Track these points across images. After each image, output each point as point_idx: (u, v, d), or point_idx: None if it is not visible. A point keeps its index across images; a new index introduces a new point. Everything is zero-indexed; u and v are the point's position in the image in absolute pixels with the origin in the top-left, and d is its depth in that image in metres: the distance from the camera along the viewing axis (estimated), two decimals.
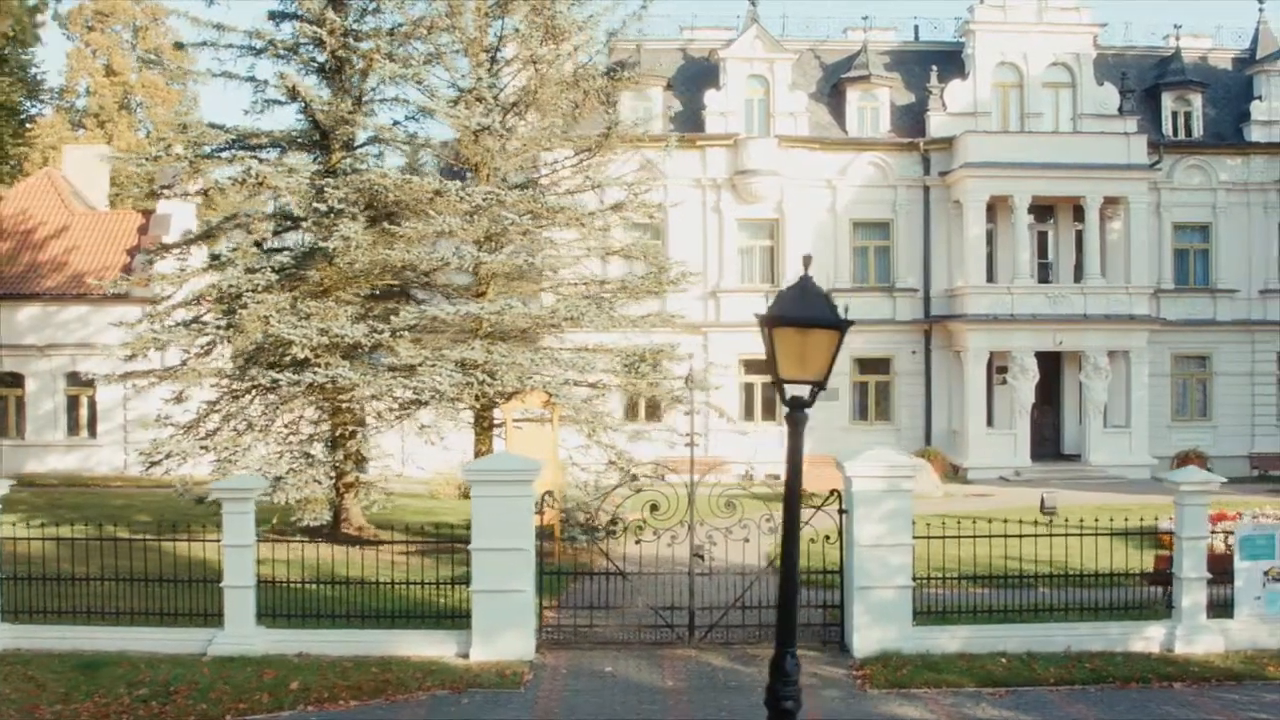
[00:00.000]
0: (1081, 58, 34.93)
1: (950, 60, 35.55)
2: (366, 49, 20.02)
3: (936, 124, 34.43)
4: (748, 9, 34.74)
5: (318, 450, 21.82)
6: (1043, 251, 35.45)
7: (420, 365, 19.00)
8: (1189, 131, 36.01)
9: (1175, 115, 36.04)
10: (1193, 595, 14.15)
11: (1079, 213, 34.10)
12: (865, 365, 34.98)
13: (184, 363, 21.89)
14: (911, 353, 34.60)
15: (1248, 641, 14.19)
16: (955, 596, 14.88)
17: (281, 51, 21.73)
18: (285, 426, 22.07)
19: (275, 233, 22.90)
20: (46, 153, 47.86)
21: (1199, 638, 14.03)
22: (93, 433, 34.47)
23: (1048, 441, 34.77)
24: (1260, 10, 37.63)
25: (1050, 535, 15.38)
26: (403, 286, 22.21)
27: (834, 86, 35.72)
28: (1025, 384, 32.81)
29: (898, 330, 34.60)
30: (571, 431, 21.21)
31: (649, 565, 15.09)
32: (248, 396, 21.77)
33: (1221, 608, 14.41)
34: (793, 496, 7.01)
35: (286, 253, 21.34)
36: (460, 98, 20.40)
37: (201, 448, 20.97)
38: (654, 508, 14.67)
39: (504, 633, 13.58)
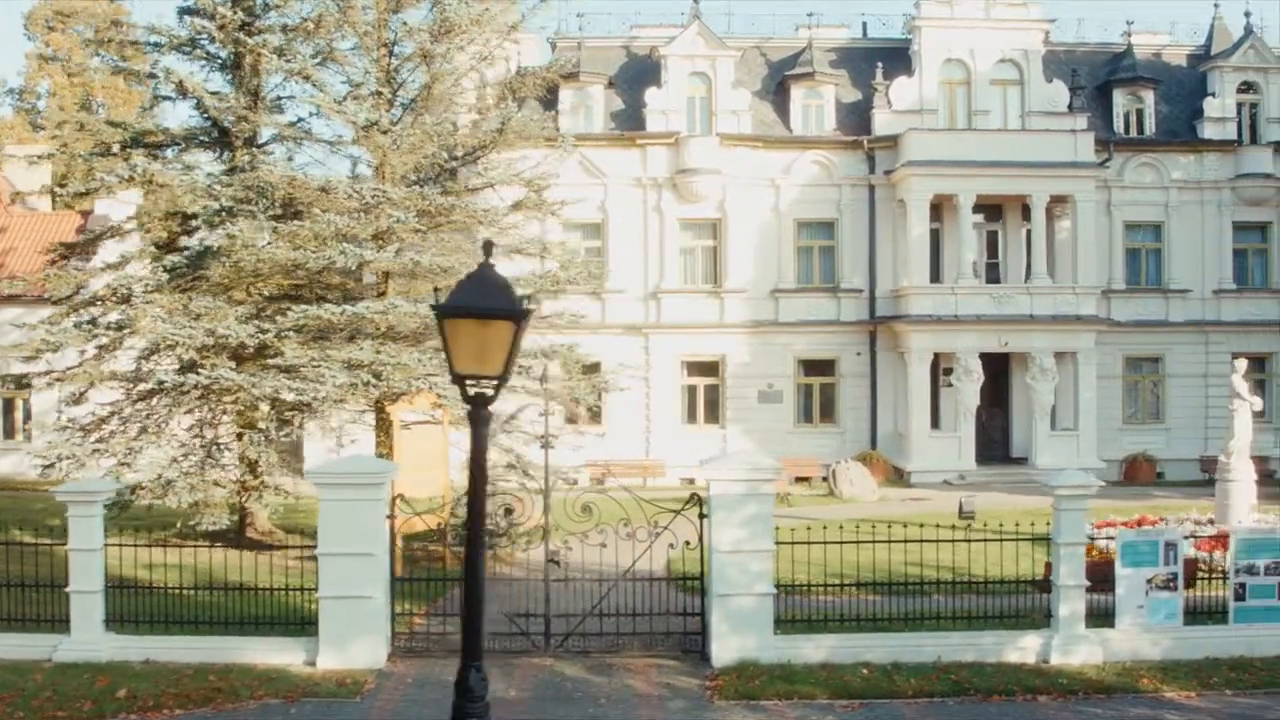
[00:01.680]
0: (1030, 54, 34.34)
1: (898, 57, 34.97)
2: (254, 44, 19.45)
3: (882, 122, 33.85)
4: (691, 6, 34.17)
5: (228, 454, 21.34)
6: (993, 251, 34.88)
7: (305, 366, 18.43)
8: (1141, 129, 35.40)
9: (1127, 112, 35.43)
10: (1071, 604, 13.58)
11: (1028, 212, 33.51)
12: (810, 367, 34.40)
13: (80, 364, 21.40)
14: (856, 354, 33.99)
15: (1129, 652, 13.62)
16: (839, 604, 14.35)
17: (181, 47, 21.25)
18: (188, 429, 21.58)
19: (185, 232, 22.38)
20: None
21: (1076, 648, 13.46)
22: (28, 435, 33.92)
23: (996, 444, 34.17)
24: (1215, 6, 37.06)
25: (938, 541, 14.69)
26: (308, 287, 21.66)
27: (779, 84, 35.16)
28: (970, 386, 32.21)
29: (842, 331, 34.00)
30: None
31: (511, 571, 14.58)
32: (146, 399, 21.26)
33: (1106, 616, 13.87)
34: (477, 504, 6.42)
35: (182, 253, 20.85)
36: (349, 94, 19.87)
37: (94, 450, 20.45)
38: (508, 511, 14.14)
39: (353, 640, 13.12)
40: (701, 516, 13.58)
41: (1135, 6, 56.02)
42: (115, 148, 21.28)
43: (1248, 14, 35.34)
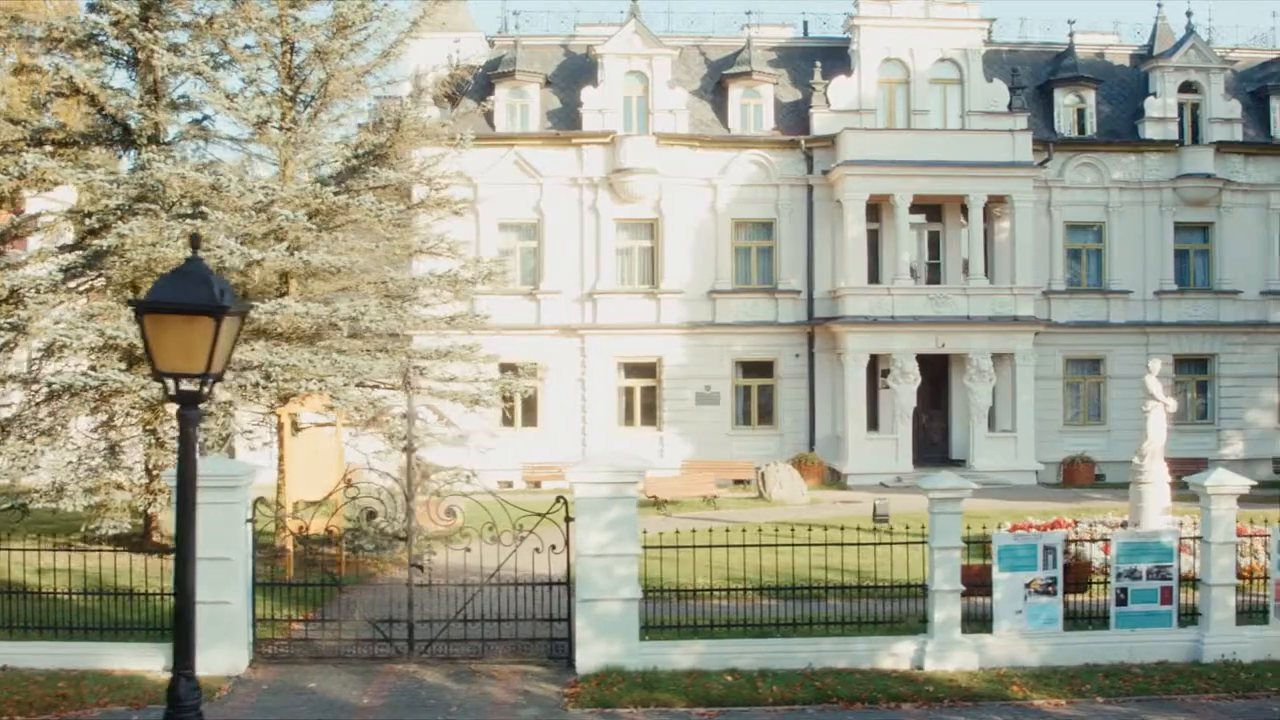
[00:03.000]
0: (970, 54, 34.07)
1: (838, 57, 34.67)
2: (145, 40, 19.01)
3: (820, 121, 33.55)
4: (630, 4, 33.80)
5: (131, 458, 20.88)
6: (935, 252, 34.62)
7: None
8: (1083, 129, 35.21)
9: (1069, 112, 35.24)
10: (945, 609, 13.29)
11: (968, 212, 33.23)
12: (748, 369, 34.07)
13: None
14: (795, 356, 33.67)
15: (1006, 658, 13.33)
16: (731, 609, 14.12)
17: (80, 43, 20.77)
18: (92, 431, 21.13)
19: (91, 232, 21.90)
20: None
21: (951, 654, 13.16)
22: None
23: (935, 447, 33.90)
24: (1159, 6, 36.93)
25: (826, 545, 14.35)
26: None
27: (717, 84, 34.82)
28: (906, 388, 31.92)
29: (781, 333, 33.67)
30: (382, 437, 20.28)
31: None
32: (46, 402, 20.79)
33: (988, 622, 13.56)
34: (186, 507, 6.03)
35: (78, 252, 20.40)
36: (255, 92, 19.46)
37: None
38: (371, 515, 13.77)
39: (211, 647, 12.67)
40: (567, 520, 13.24)
41: (1080, 6, 55.95)
42: (15, 145, 20.77)
43: (1189, 14, 35.21)
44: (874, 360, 32.97)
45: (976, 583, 13.77)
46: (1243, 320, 35.09)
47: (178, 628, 6.32)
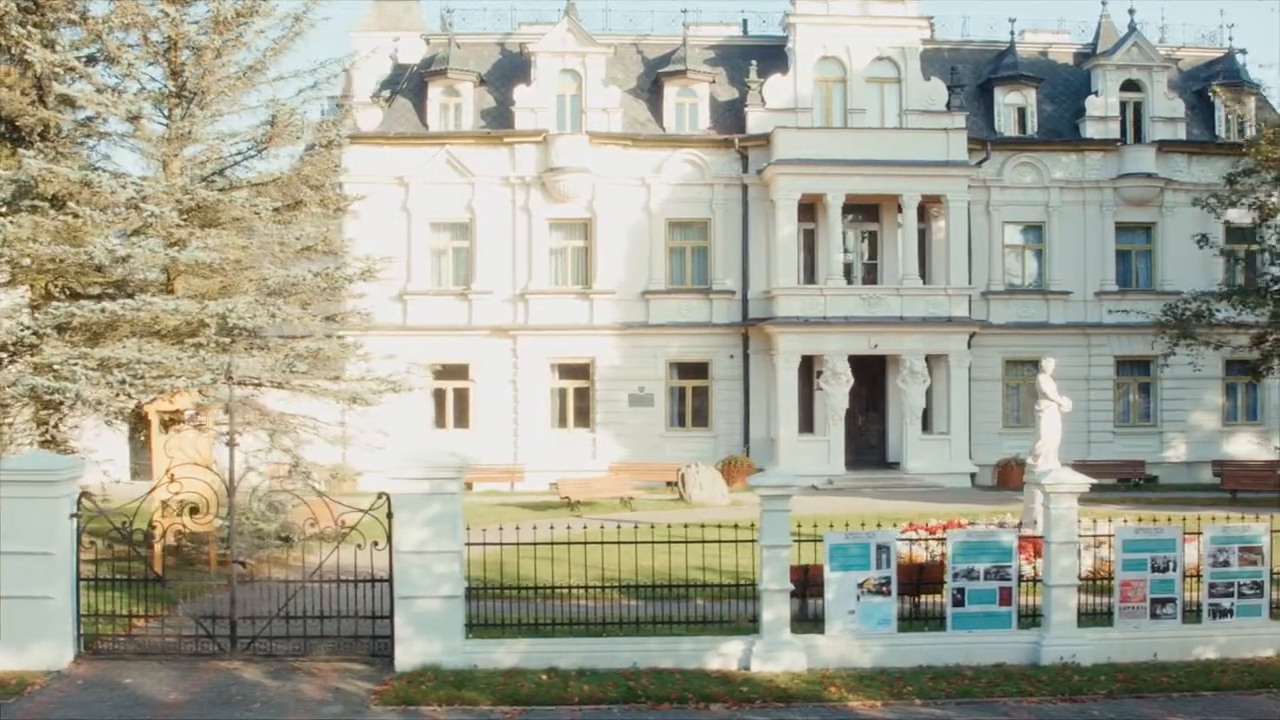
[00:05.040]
0: (908, 52, 33.73)
1: (777, 55, 34.36)
2: (18, 34, 18.77)
3: (755, 120, 33.24)
4: (565, 1, 33.53)
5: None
6: (872, 252, 34.29)
7: (61, 365, 17.74)
8: (1024, 128, 34.89)
9: (1010, 111, 34.92)
10: (774, 608, 12.98)
11: (904, 212, 32.87)
12: (682, 370, 33.74)
13: None
14: (729, 357, 33.33)
15: (838, 659, 13.01)
16: (591, 609, 13.93)
17: None
18: None
19: None
20: None
21: (780, 654, 12.85)
22: None
23: (873, 449, 33.59)
24: (1103, 4, 36.56)
25: (671, 543, 14.09)
26: (75, 280, 20.95)
27: (654, 82, 34.52)
28: (839, 389, 31.58)
29: (715, 333, 33.34)
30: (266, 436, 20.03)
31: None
32: None
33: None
34: None
35: None
36: (115, 86, 19.23)
37: None
38: (194, 510, 13.54)
39: (34, 641, 12.87)
40: (389, 517, 12.98)
41: (1025, 4, 55.63)
42: None
43: (1132, 11, 34.89)
44: (810, 362, 32.65)
45: (816, 582, 13.50)
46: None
47: None
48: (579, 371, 33.27)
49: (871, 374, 33.27)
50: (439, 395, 32.88)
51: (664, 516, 23.99)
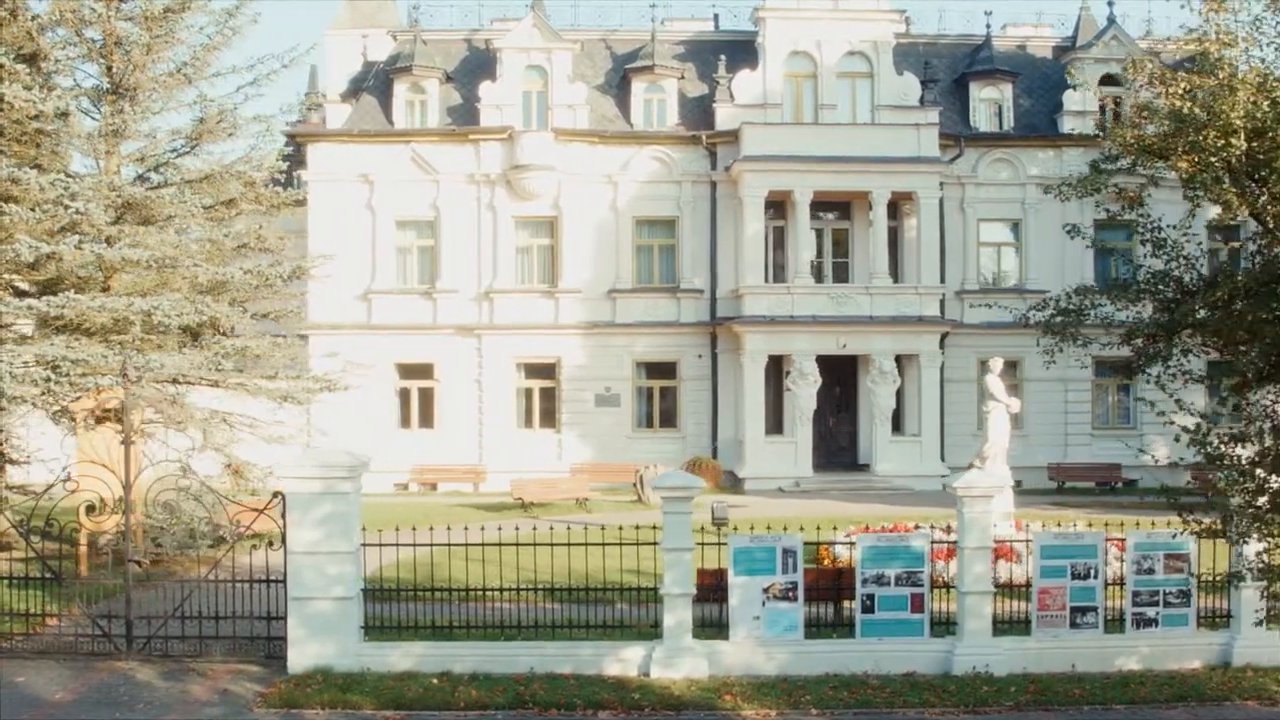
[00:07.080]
0: (880, 46, 33.16)
1: (747, 50, 33.80)
2: None
3: (724, 116, 32.74)
4: None
5: None
6: (843, 250, 33.76)
7: None
8: (1001, 123, 34.32)
9: (986, 106, 34.33)
10: (676, 613, 12.58)
11: (874, 209, 32.35)
12: (650, 370, 33.27)
13: None
14: (697, 356, 32.84)
15: (742, 666, 12.59)
16: (511, 611, 13.56)
17: None
18: None
19: None
20: None
21: (680, 661, 12.44)
22: None
23: (844, 451, 33.07)
24: None
25: (587, 544, 13.69)
26: (37, 282, 20.69)
27: (622, 78, 34.06)
28: (806, 390, 31.07)
29: (683, 333, 32.84)
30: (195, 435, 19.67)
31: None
32: None
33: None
34: None
35: None
36: (43, 83, 18.89)
37: None
38: (90, 509, 13.20)
39: None
40: (284, 516, 12.64)
41: None
42: None
43: (1110, 3, 34.30)
44: (780, 362, 32.15)
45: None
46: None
47: None
48: (545, 371, 32.84)
49: (843, 375, 32.76)
50: (404, 395, 32.54)
51: (618, 518, 23.50)
